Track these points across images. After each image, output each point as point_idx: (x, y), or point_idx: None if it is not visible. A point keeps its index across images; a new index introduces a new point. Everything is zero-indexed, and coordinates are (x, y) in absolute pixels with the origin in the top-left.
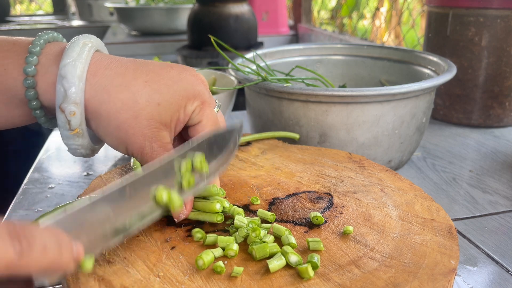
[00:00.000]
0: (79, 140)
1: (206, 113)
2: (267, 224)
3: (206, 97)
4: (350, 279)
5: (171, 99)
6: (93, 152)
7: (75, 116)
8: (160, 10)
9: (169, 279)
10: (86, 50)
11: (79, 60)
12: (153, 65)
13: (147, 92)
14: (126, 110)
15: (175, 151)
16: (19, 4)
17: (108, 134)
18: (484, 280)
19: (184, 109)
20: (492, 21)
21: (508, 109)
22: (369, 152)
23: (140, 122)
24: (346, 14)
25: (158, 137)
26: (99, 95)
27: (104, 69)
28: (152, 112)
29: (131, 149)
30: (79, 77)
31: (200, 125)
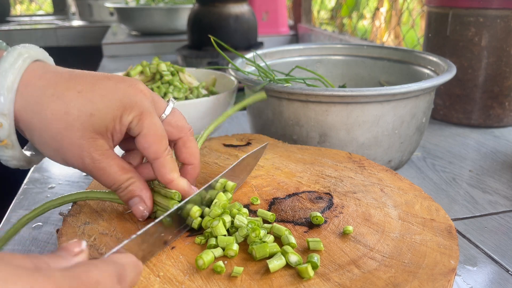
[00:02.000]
0: (8, 152)
1: (145, 124)
2: (267, 224)
3: (144, 107)
4: (350, 279)
5: (105, 109)
6: (29, 164)
7: (2, 127)
8: (160, 10)
9: (169, 279)
10: (20, 61)
11: (11, 71)
12: (90, 76)
13: (79, 102)
14: (57, 121)
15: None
16: (19, 4)
17: (43, 145)
18: (484, 280)
19: (120, 119)
20: (492, 21)
21: (508, 109)
22: (369, 152)
23: (73, 133)
24: (346, 14)
25: (95, 146)
26: (30, 106)
27: (37, 80)
28: (84, 123)
29: (70, 160)
30: (8, 88)
31: (140, 136)
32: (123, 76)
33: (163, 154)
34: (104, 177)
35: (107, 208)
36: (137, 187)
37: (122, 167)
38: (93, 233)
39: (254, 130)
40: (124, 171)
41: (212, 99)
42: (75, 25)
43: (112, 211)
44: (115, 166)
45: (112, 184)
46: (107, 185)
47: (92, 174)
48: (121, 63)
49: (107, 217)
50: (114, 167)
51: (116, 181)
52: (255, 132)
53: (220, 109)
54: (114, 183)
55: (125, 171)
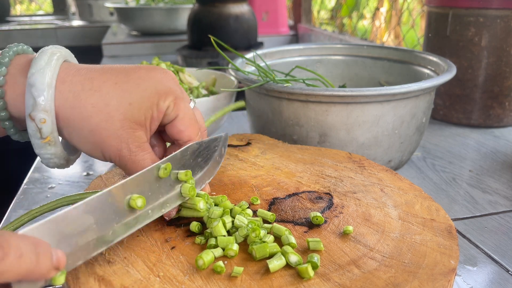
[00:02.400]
0: (51, 149)
1: (181, 108)
2: (267, 224)
3: (178, 93)
4: (350, 279)
5: (142, 97)
6: (67, 163)
7: (45, 123)
8: (160, 10)
9: (169, 279)
10: (54, 59)
11: (48, 68)
12: (121, 68)
13: (117, 93)
14: (97, 113)
15: (158, 163)
16: (19, 4)
17: (82, 140)
18: (484, 280)
19: (157, 106)
20: (492, 21)
21: (508, 109)
22: (369, 152)
23: (113, 124)
24: (346, 14)
25: (134, 137)
26: (69, 101)
27: (72, 76)
28: (124, 113)
29: (108, 153)
30: (48, 84)
31: (177, 119)
32: (153, 65)
33: (196, 138)
34: (137, 170)
35: None
36: None
37: (154, 161)
38: None
39: (254, 130)
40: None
41: (212, 99)
42: (75, 25)
43: None
44: (149, 161)
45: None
46: None
47: (126, 166)
48: (121, 63)
49: None
50: (148, 161)
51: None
52: (255, 132)
53: (220, 109)
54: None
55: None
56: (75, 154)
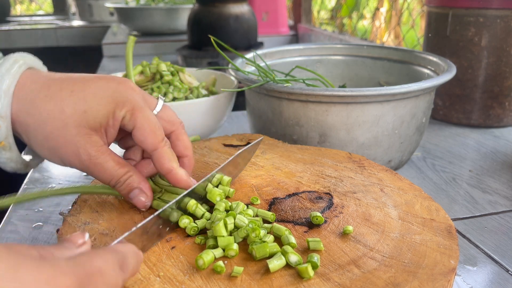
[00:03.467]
0: (6, 154)
1: (138, 118)
2: (268, 224)
3: (136, 103)
4: (350, 279)
5: (98, 106)
6: (26, 167)
7: (0, 129)
8: (160, 10)
9: (169, 279)
10: (16, 66)
11: (7, 76)
12: (81, 77)
13: (73, 101)
14: (53, 119)
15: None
16: (19, 4)
17: (39, 145)
18: (484, 280)
19: (112, 115)
20: (492, 21)
21: (508, 109)
22: (369, 152)
23: (69, 131)
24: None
25: (91, 142)
26: (26, 107)
27: (31, 83)
28: (79, 120)
29: (67, 159)
30: (5, 91)
31: (135, 130)
32: (114, 76)
33: (160, 145)
34: (101, 173)
35: (107, 208)
36: (135, 179)
37: (118, 162)
38: (93, 233)
39: (254, 130)
40: (121, 166)
41: (212, 99)
42: (75, 25)
43: (112, 211)
44: (112, 161)
45: (110, 180)
46: (105, 181)
47: (89, 171)
48: (121, 63)
49: (107, 217)
50: (110, 162)
51: (114, 176)
52: (255, 132)
53: (220, 109)
54: (112, 178)
55: (121, 166)
56: (39, 159)
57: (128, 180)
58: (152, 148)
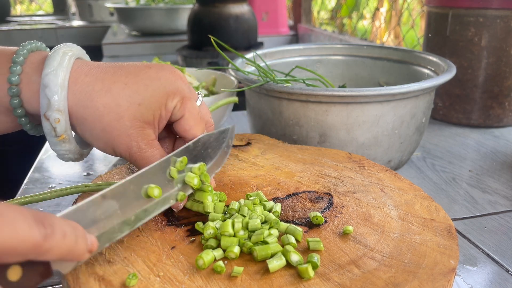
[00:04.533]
0: (66, 146)
1: (187, 108)
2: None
3: (185, 92)
4: (350, 279)
5: (151, 98)
6: (81, 156)
7: (59, 123)
8: (160, 10)
9: (169, 278)
10: (66, 59)
11: (60, 69)
12: (131, 67)
13: (127, 93)
14: (108, 113)
15: (172, 153)
16: (19, 4)
17: (94, 137)
18: (484, 280)
19: (165, 106)
20: (491, 21)
21: (507, 109)
22: (369, 152)
23: (123, 123)
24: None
25: (143, 135)
26: (82, 101)
27: (84, 76)
28: (134, 113)
29: (118, 150)
30: (61, 85)
31: (183, 119)
32: (162, 64)
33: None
34: (147, 165)
35: None
36: None
37: (163, 157)
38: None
39: (254, 130)
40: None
41: (212, 99)
42: (75, 25)
43: None
44: (158, 156)
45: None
46: None
47: (136, 162)
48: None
49: None
50: (157, 156)
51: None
52: (255, 132)
53: (220, 109)
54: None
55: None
56: (88, 148)
57: None
58: (193, 137)
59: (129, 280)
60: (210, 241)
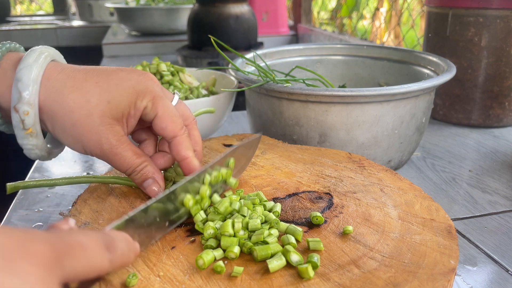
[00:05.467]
0: (33, 140)
1: (159, 106)
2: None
3: (156, 92)
4: (350, 279)
5: (120, 96)
6: (49, 155)
7: (28, 115)
8: (160, 10)
9: (169, 278)
10: (42, 57)
11: (35, 65)
12: (104, 69)
13: (97, 91)
14: (78, 109)
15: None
16: (19, 4)
17: (64, 133)
18: (484, 280)
19: (134, 104)
20: (491, 21)
21: (507, 109)
22: (368, 152)
23: (93, 120)
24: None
25: (112, 132)
26: (52, 96)
27: (57, 74)
28: (103, 110)
29: (89, 147)
30: (33, 80)
31: (157, 118)
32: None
33: (180, 132)
34: (120, 161)
35: (107, 208)
36: (150, 170)
37: (136, 152)
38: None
39: (254, 130)
40: (138, 156)
41: (212, 99)
42: (75, 25)
43: (112, 211)
44: (130, 151)
45: (127, 168)
46: (122, 169)
47: (108, 159)
48: (121, 63)
49: (107, 217)
50: (129, 151)
51: (131, 165)
52: (255, 132)
53: (220, 109)
54: (129, 167)
55: (138, 156)
56: (59, 148)
57: (143, 170)
58: (172, 135)
59: (129, 280)
60: (210, 241)
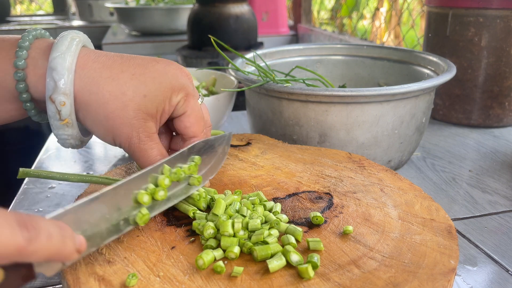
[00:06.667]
0: (68, 130)
1: (190, 105)
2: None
3: (190, 90)
4: (350, 279)
5: (156, 91)
6: (81, 144)
7: (65, 106)
8: (160, 10)
9: (169, 279)
10: (74, 44)
11: (68, 53)
12: (140, 59)
13: (134, 84)
14: (114, 100)
15: (169, 157)
16: (19, 4)
17: (96, 124)
18: (484, 280)
19: (169, 100)
20: (491, 21)
21: (507, 109)
22: (368, 152)
23: (127, 113)
24: (346, 14)
25: (144, 127)
26: (88, 86)
27: (92, 62)
28: (139, 103)
29: (119, 139)
30: (68, 69)
31: (184, 115)
32: (170, 60)
33: (200, 134)
34: (144, 158)
35: None
36: None
37: (161, 152)
38: None
39: (254, 130)
40: (162, 156)
41: (212, 99)
42: (75, 25)
43: None
44: (156, 150)
45: (148, 166)
46: (144, 165)
47: (134, 154)
48: None
49: None
50: (155, 150)
51: (153, 164)
52: (255, 132)
53: (220, 109)
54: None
55: (162, 156)
56: (88, 136)
57: None
58: (192, 135)
59: (129, 280)
60: (210, 241)
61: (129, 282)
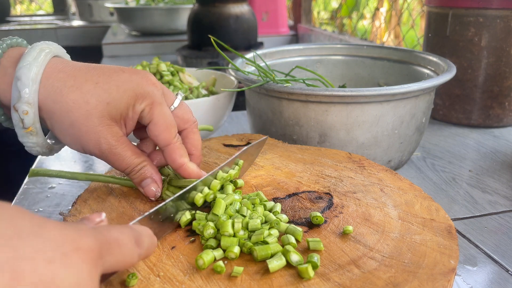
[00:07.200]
0: (33, 139)
1: (155, 113)
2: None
3: (156, 98)
4: (350, 279)
5: (120, 98)
6: (50, 151)
7: (27, 115)
8: (160, 10)
9: (169, 278)
10: (42, 55)
11: (35, 64)
12: (106, 69)
13: (97, 92)
14: (77, 109)
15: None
16: (19, 4)
17: (63, 132)
18: (484, 280)
19: (132, 107)
20: (491, 21)
21: (507, 109)
22: (368, 152)
23: (92, 121)
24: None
25: (112, 132)
26: (52, 95)
27: (57, 72)
28: (102, 110)
29: (87, 147)
30: (33, 79)
31: (152, 124)
32: (136, 69)
33: (173, 141)
34: (119, 161)
35: (107, 208)
36: (149, 169)
37: (135, 152)
38: None
39: (254, 130)
40: (137, 155)
41: (212, 99)
42: (75, 25)
43: (112, 211)
44: (129, 151)
45: (126, 168)
46: (121, 168)
47: (107, 159)
48: (121, 63)
49: (107, 218)
50: (128, 151)
51: (130, 165)
52: (255, 132)
53: (220, 109)
54: (128, 167)
55: (137, 156)
56: (60, 144)
57: (141, 170)
58: (164, 143)
59: (129, 280)
60: (210, 241)
61: (129, 282)
